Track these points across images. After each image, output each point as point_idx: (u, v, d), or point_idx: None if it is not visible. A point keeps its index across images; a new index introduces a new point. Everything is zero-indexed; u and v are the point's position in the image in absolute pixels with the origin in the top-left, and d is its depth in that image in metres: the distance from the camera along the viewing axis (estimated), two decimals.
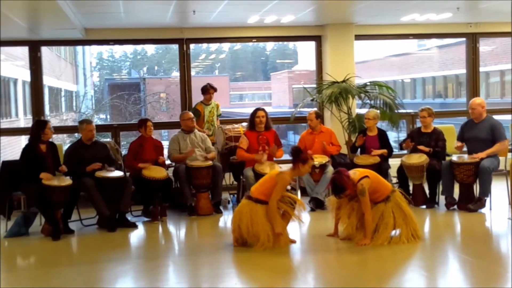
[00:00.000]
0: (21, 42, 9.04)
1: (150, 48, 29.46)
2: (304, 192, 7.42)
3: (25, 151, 6.51)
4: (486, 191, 6.82)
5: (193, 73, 9.35)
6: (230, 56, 33.30)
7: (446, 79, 26.20)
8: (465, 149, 7.18)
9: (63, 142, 13.33)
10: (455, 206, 6.99)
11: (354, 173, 5.62)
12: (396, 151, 8.41)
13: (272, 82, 33.32)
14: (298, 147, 5.82)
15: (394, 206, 5.61)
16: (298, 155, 5.64)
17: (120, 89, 22.51)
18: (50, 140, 6.81)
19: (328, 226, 6.08)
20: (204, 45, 26.70)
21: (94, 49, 27.30)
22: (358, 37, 9.11)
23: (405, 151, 7.65)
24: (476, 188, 6.96)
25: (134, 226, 6.70)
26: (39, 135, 6.51)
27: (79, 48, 23.27)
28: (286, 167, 5.90)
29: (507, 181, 7.08)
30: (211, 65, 32.05)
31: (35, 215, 6.67)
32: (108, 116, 21.91)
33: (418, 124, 7.98)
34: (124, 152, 8.12)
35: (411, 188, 7.28)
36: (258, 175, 7.02)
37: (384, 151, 7.41)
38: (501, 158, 7.16)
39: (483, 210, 6.84)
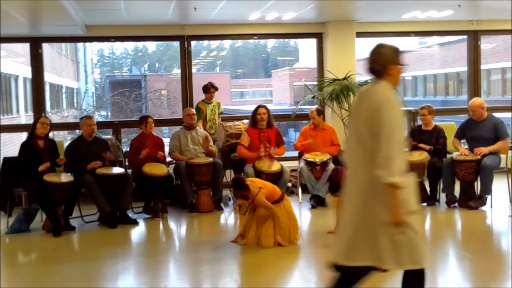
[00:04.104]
0: (22, 38, 9.03)
1: (151, 45, 29.48)
2: (305, 190, 7.42)
3: (22, 145, 6.58)
4: (487, 188, 6.81)
5: (194, 70, 9.34)
6: (231, 53, 33.25)
7: (447, 77, 26.18)
8: (466, 147, 7.18)
9: (64, 139, 13.33)
10: (456, 204, 7.00)
11: None
12: None
13: (273, 80, 33.30)
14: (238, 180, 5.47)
15: None
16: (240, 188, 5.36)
17: (121, 86, 22.48)
18: (50, 137, 6.84)
19: (329, 223, 6.08)
20: (205, 42, 26.66)
21: (95, 46, 27.31)
22: (360, 34, 9.08)
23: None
24: (477, 186, 6.96)
25: (135, 222, 6.71)
26: (34, 130, 6.60)
27: (80, 45, 23.25)
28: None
29: (508, 178, 7.08)
30: (212, 62, 31.99)
31: (36, 211, 6.69)
32: (109, 113, 21.89)
33: (419, 121, 7.97)
34: (125, 149, 8.13)
35: None
36: (258, 172, 7.04)
37: None
38: (502, 156, 7.17)
39: (484, 208, 6.84)
